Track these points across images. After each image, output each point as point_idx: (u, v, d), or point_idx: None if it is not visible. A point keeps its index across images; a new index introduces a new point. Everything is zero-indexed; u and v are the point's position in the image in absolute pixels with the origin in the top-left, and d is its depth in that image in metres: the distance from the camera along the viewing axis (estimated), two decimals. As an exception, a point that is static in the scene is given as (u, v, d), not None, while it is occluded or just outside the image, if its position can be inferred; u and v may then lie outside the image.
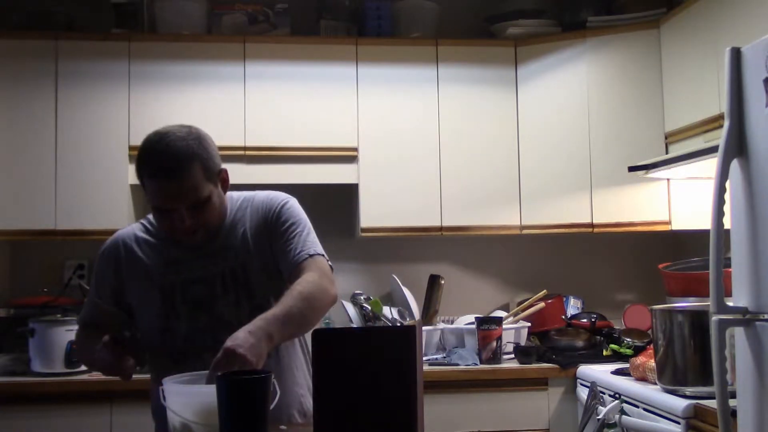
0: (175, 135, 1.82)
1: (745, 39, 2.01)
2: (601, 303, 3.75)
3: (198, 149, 1.82)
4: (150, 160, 1.80)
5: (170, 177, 1.77)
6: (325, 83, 3.45)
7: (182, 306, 1.92)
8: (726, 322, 1.87)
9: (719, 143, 1.91)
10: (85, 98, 3.31)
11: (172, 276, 1.92)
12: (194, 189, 1.80)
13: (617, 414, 2.62)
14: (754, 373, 1.83)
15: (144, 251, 1.95)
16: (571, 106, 3.47)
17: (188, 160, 1.79)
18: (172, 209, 1.81)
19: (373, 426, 1.44)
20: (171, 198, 1.79)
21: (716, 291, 1.87)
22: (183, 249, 1.92)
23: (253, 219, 1.97)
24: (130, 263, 1.95)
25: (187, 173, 1.79)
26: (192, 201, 1.80)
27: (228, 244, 1.93)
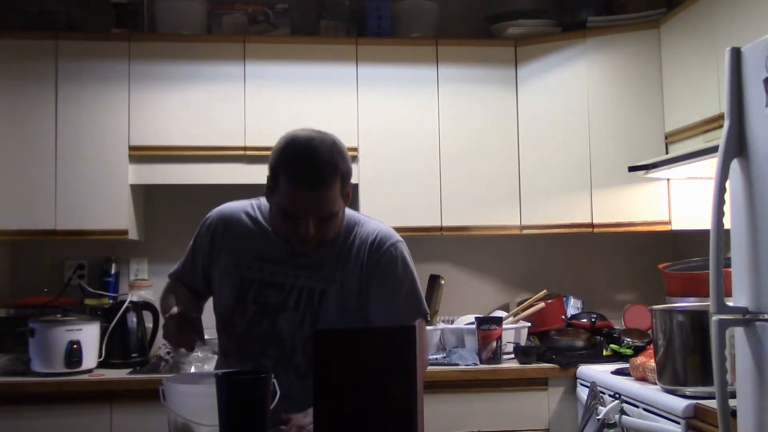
0: (323, 144, 1.79)
1: (745, 39, 2.01)
2: (601, 303, 3.75)
3: (341, 164, 1.79)
4: (296, 164, 1.76)
5: (312, 188, 1.75)
6: (325, 83, 3.45)
7: (251, 305, 1.91)
8: (726, 322, 1.87)
9: (719, 143, 1.91)
10: (85, 98, 3.31)
11: (255, 272, 1.91)
12: (330, 203, 1.77)
13: (617, 414, 2.62)
14: (754, 373, 1.83)
15: (242, 237, 1.95)
16: (571, 106, 3.47)
17: (332, 174, 1.76)
18: (300, 216, 1.78)
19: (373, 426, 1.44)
20: (305, 207, 1.77)
21: (716, 291, 1.87)
22: (278, 249, 1.90)
23: (354, 249, 1.90)
24: (224, 243, 1.95)
25: (329, 187, 1.76)
26: (324, 213, 1.78)
27: (319, 262, 1.89)
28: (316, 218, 1.78)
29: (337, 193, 1.79)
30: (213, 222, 2.02)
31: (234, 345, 1.94)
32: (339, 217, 1.85)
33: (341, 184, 1.80)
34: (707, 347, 2.06)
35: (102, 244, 3.55)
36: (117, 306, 3.28)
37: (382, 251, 1.90)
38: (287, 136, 1.84)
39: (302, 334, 1.86)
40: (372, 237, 1.92)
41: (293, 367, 1.88)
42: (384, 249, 1.90)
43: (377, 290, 1.88)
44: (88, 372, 3.05)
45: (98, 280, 3.55)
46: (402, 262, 1.93)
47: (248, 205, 2.01)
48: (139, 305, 3.32)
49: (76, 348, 3.00)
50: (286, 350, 1.88)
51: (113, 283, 3.55)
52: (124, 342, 3.24)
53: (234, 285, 1.93)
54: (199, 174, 3.38)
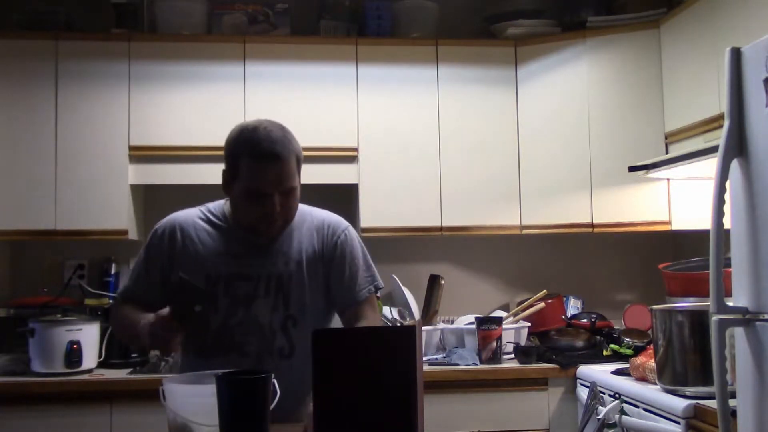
0: (273, 125, 1.98)
1: (745, 39, 2.01)
2: (601, 303, 3.75)
3: (295, 144, 1.97)
4: (253, 143, 1.91)
5: (274, 161, 1.89)
6: (325, 83, 3.45)
7: (223, 299, 1.99)
8: (726, 322, 1.87)
9: (719, 143, 1.91)
10: (85, 98, 3.31)
11: (221, 267, 1.99)
12: (289, 176, 1.92)
13: (617, 414, 2.63)
14: (754, 373, 1.83)
15: (201, 238, 2.03)
16: (571, 106, 3.47)
17: (288, 149, 1.93)
18: (266, 193, 1.90)
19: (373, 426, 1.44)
20: (269, 182, 1.90)
21: (716, 291, 1.87)
22: (239, 244, 2.00)
23: (310, 236, 2.06)
24: (185, 246, 2.02)
25: (287, 160, 1.91)
26: (286, 187, 1.92)
27: (282, 249, 2.02)
28: (279, 193, 1.91)
29: (294, 169, 1.94)
30: (167, 230, 2.07)
31: (212, 340, 1.98)
32: (297, 193, 1.98)
33: (297, 160, 1.96)
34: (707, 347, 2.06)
35: (102, 244, 3.55)
36: (117, 306, 3.28)
37: (336, 236, 2.08)
38: (237, 126, 2.00)
39: (278, 317, 1.98)
40: (326, 224, 2.10)
41: (277, 350, 1.97)
42: (338, 234, 2.09)
43: (338, 270, 2.05)
44: (88, 372, 3.05)
45: (98, 280, 3.55)
46: (356, 243, 2.12)
47: (196, 211, 2.11)
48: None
49: (76, 348, 3.00)
50: (266, 334, 1.98)
51: (113, 283, 3.55)
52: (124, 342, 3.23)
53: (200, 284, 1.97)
54: (199, 174, 3.38)
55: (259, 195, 1.92)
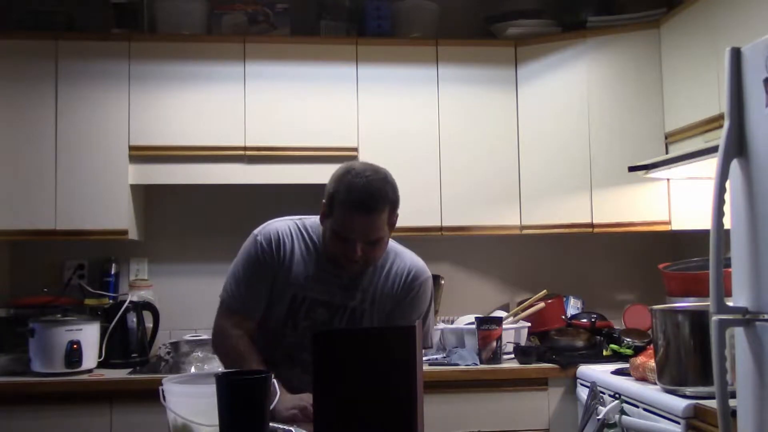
0: (376, 175, 2.01)
1: (745, 39, 2.01)
2: (601, 303, 3.75)
3: (392, 195, 2.01)
4: (350, 190, 1.96)
5: (365, 213, 1.95)
6: (325, 83, 3.45)
7: (303, 321, 2.09)
8: (726, 322, 1.87)
9: (719, 143, 1.91)
10: (85, 98, 3.31)
11: (307, 290, 2.08)
12: (378, 229, 1.98)
13: (617, 414, 2.62)
14: (754, 373, 1.83)
15: (296, 256, 2.11)
16: (571, 106, 3.47)
17: (383, 203, 1.97)
18: (351, 239, 1.98)
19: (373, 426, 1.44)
20: (357, 231, 1.97)
21: (716, 291, 1.87)
22: (327, 270, 2.08)
23: (391, 277, 2.13)
24: (283, 258, 2.10)
25: (379, 213, 1.97)
26: (372, 238, 1.99)
27: (363, 285, 2.10)
28: (364, 242, 1.98)
29: (385, 221, 2.00)
30: (268, 240, 2.13)
31: (282, 353, 2.10)
32: (384, 242, 2.05)
33: (389, 213, 2.01)
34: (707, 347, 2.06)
35: (102, 244, 3.55)
36: (117, 306, 3.28)
37: (415, 284, 2.14)
38: (345, 166, 2.05)
39: None
40: (407, 269, 2.15)
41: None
42: (417, 283, 2.15)
43: (399, 313, 2.12)
44: (88, 372, 3.05)
45: (98, 280, 3.55)
46: (427, 296, 2.18)
47: (293, 225, 2.17)
48: (139, 305, 3.33)
49: (76, 348, 3.00)
50: None
51: (113, 283, 3.55)
52: (124, 342, 3.24)
53: (286, 301, 2.09)
54: (199, 174, 3.38)
55: (346, 239, 1.99)
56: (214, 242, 3.67)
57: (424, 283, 2.17)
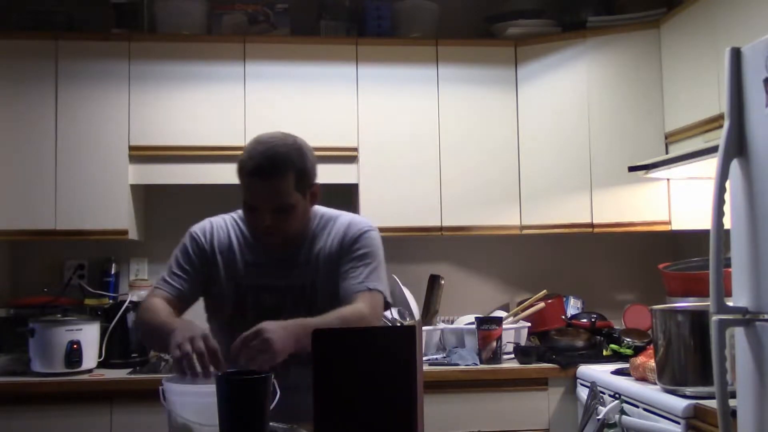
0: (282, 141, 1.96)
1: (745, 39, 2.01)
2: (601, 303, 3.75)
3: (298, 160, 1.93)
4: (250, 159, 1.92)
5: (262, 178, 1.90)
6: (325, 83, 3.45)
7: (251, 311, 1.99)
8: (726, 322, 1.87)
9: (719, 143, 1.91)
10: (85, 98, 3.31)
11: (252, 278, 2.01)
12: (282, 195, 1.91)
13: (617, 414, 2.62)
14: (754, 373, 1.83)
15: (232, 246, 2.05)
16: (571, 106, 3.47)
17: (284, 168, 1.90)
18: (256, 207, 1.93)
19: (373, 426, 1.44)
20: (259, 197, 1.92)
21: (716, 291, 1.87)
22: (268, 255, 2.02)
23: (330, 241, 2.04)
24: (223, 250, 2.05)
25: (279, 179, 1.90)
26: (277, 204, 1.91)
27: (306, 259, 2.02)
28: (269, 209, 1.91)
29: (291, 186, 1.92)
30: (203, 231, 2.10)
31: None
32: (298, 211, 1.95)
33: (296, 179, 1.92)
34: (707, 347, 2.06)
35: (102, 244, 3.55)
36: (117, 306, 3.28)
37: (358, 236, 2.04)
38: (256, 136, 2.01)
39: None
40: (347, 224, 2.07)
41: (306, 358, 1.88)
42: (359, 233, 2.05)
43: (350, 271, 1.99)
44: (88, 372, 3.05)
45: (98, 280, 3.55)
46: (373, 243, 2.06)
47: (228, 217, 2.13)
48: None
49: (76, 348, 3.00)
50: None
51: (113, 283, 3.55)
52: (124, 342, 3.24)
53: (231, 293, 2.02)
54: (199, 174, 3.38)
55: (252, 209, 1.95)
56: (214, 242, 3.67)
57: (368, 233, 2.05)
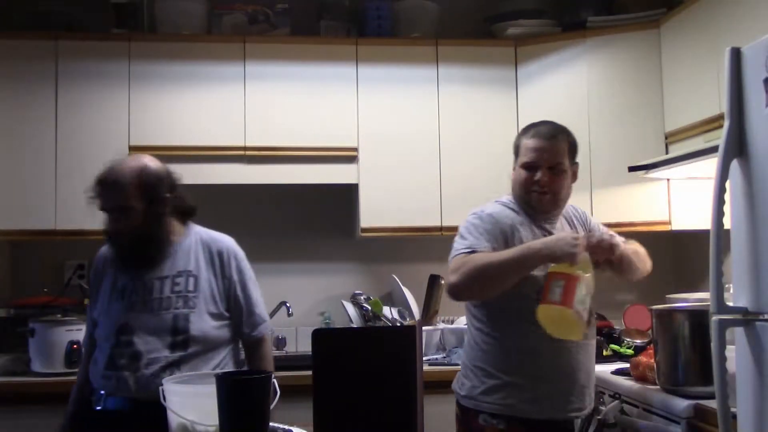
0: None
1: (745, 39, 2.01)
2: (601, 303, 3.73)
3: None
4: (534, 127, 2.29)
5: (545, 140, 2.22)
6: (325, 83, 3.45)
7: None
8: (726, 322, 1.87)
9: (719, 143, 1.90)
10: (85, 98, 3.31)
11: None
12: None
13: (617, 414, 2.62)
14: (754, 373, 1.83)
15: (522, 224, 2.28)
16: (571, 106, 3.47)
17: (560, 132, 2.27)
18: (537, 166, 2.21)
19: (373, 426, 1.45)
20: (540, 153, 2.21)
21: (716, 291, 1.87)
22: (540, 229, 2.27)
23: (572, 216, 2.43)
24: (517, 232, 2.27)
25: (557, 140, 2.24)
26: (553, 163, 2.20)
27: (567, 229, 2.35)
28: (547, 167, 2.21)
29: (565, 151, 2.24)
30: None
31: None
32: (567, 177, 2.23)
33: (569, 144, 2.26)
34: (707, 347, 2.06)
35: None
36: (117, 306, 3.27)
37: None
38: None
39: None
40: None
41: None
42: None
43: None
44: (89, 372, 3.05)
45: (98, 280, 3.54)
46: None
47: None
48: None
49: (76, 348, 3.00)
50: None
51: (113, 283, 3.55)
52: (124, 342, 3.23)
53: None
54: (199, 174, 3.37)
55: (533, 167, 2.25)
56: (214, 242, 3.67)
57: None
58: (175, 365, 2.14)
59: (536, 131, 2.26)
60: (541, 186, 2.21)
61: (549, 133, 2.24)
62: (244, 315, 2.30)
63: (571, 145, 2.28)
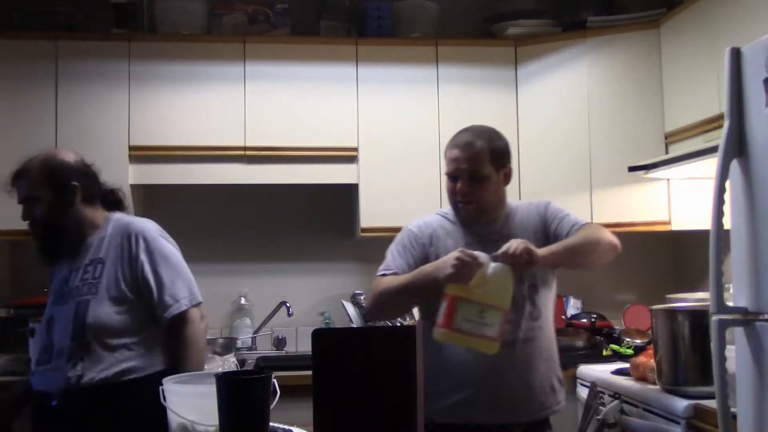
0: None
1: (745, 39, 2.01)
2: (601, 303, 3.75)
3: (494, 138, 2.24)
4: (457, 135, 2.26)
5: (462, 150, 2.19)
6: (325, 83, 3.45)
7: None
8: (726, 322, 1.87)
9: (719, 143, 1.91)
10: (85, 98, 3.31)
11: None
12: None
13: (617, 414, 2.62)
14: (754, 373, 1.83)
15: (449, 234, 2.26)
16: (571, 106, 3.47)
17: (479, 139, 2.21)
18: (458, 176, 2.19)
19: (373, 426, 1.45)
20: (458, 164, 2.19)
21: (716, 291, 1.87)
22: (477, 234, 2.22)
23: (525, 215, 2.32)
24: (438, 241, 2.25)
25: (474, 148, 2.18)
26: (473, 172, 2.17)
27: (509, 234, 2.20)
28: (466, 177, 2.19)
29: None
30: (420, 229, 2.33)
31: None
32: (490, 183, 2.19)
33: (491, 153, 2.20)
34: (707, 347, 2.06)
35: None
36: (117, 306, 3.27)
37: (541, 205, 2.39)
38: None
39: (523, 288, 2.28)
40: (528, 204, 2.40)
41: None
42: (540, 204, 2.40)
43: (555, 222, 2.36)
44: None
45: (98, 280, 3.54)
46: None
47: (435, 217, 2.39)
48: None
49: (76, 348, 2.99)
50: None
51: (113, 283, 3.54)
52: (124, 342, 3.23)
53: None
54: (199, 174, 3.38)
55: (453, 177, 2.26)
56: (214, 242, 3.67)
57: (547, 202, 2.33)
58: (77, 355, 2.11)
59: (455, 141, 2.24)
60: (463, 196, 2.20)
61: (466, 142, 2.20)
62: (155, 297, 2.20)
63: (494, 149, 2.22)
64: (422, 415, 1.52)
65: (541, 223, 2.29)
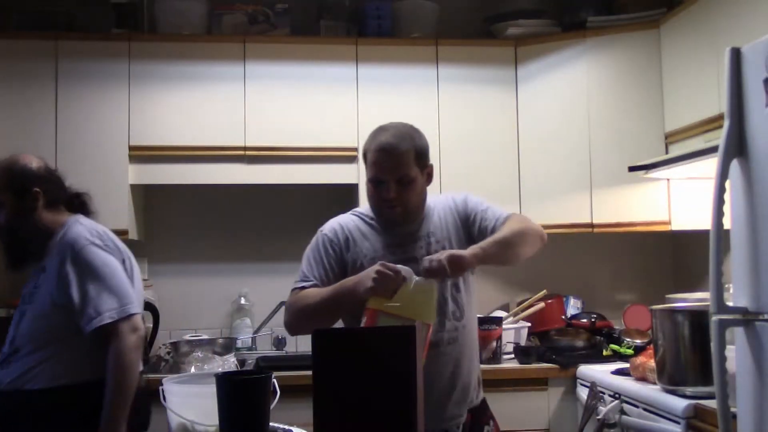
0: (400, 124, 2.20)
1: (745, 39, 2.01)
2: (601, 303, 3.75)
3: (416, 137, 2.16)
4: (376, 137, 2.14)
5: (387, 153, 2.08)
6: (325, 83, 3.45)
7: None
8: (726, 322, 1.87)
9: (719, 143, 1.91)
10: (85, 98, 3.31)
11: (389, 257, 2.08)
12: (404, 165, 2.08)
13: (617, 414, 2.63)
14: (754, 373, 1.83)
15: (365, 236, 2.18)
16: (571, 106, 3.47)
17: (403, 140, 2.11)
18: (382, 181, 2.09)
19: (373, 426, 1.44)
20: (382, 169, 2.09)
21: (716, 291, 1.87)
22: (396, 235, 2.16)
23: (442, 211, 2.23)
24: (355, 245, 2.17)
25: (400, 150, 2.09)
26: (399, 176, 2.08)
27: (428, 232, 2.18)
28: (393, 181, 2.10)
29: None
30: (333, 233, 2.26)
31: None
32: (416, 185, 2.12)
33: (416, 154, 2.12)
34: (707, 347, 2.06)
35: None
36: (117, 306, 3.27)
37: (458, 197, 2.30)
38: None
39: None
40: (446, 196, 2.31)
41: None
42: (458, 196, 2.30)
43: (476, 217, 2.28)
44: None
45: (98, 280, 3.54)
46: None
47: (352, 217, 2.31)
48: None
49: (76, 348, 2.99)
50: None
51: (113, 283, 3.54)
52: (124, 342, 3.22)
53: None
54: (199, 174, 3.38)
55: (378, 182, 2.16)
56: (214, 242, 3.68)
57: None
58: (6, 362, 2.20)
59: (376, 143, 2.12)
60: (390, 202, 2.11)
61: (391, 145, 2.09)
62: (77, 309, 2.16)
63: (418, 149, 2.13)
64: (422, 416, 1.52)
65: (462, 218, 2.22)
